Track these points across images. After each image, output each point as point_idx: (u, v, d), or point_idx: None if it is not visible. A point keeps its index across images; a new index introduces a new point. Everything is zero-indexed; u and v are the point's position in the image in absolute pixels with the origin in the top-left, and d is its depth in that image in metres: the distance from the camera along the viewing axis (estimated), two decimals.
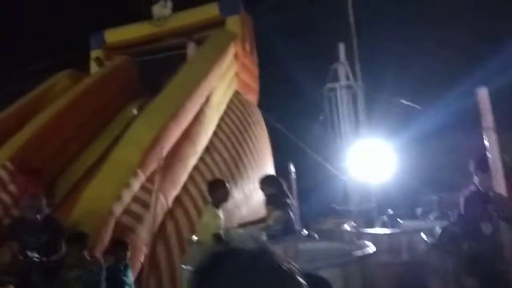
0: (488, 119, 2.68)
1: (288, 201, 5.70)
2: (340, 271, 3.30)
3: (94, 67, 10.79)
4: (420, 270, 4.07)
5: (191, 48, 10.49)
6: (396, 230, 5.49)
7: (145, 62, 10.94)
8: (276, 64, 11.28)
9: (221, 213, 4.93)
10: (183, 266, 3.86)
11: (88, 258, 4.49)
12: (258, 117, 10.40)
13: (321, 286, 1.61)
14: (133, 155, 6.10)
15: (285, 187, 5.52)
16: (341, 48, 6.65)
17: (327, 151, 7.12)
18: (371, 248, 3.72)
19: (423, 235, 4.13)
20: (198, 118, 7.89)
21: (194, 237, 5.12)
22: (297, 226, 6.16)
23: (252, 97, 10.97)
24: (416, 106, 7.37)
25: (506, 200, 2.63)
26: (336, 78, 6.66)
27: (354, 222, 5.90)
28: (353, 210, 6.17)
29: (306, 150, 8.04)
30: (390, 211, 6.45)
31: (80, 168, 7.90)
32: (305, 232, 5.93)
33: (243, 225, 6.44)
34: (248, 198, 8.18)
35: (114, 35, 11.05)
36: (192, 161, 7.50)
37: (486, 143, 2.68)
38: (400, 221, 5.85)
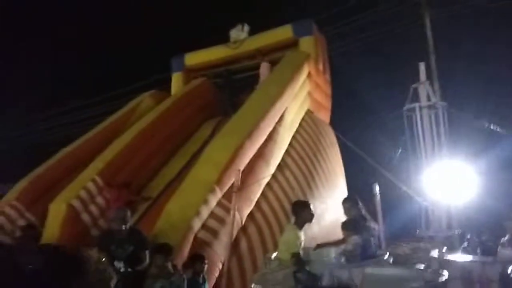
0: None
1: (368, 224, 5.58)
2: None
3: (175, 88, 11.47)
4: None
5: (264, 68, 10.75)
6: (483, 259, 5.13)
7: (222, 84, 11.44)
8: (353, 86, 11.24)
9: (302, 234, 4.98)
10: (253, 285, 3.94)
11: (171, 270, 4.73)
12: (330, 136, 10.35)
13: None
14: (211, 174, 6.36)
15: (365, 210, 5.44)
16: (422, 67, 6.47)
17: (407, 173, 6.89)
18: (444, 275, 3.60)
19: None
20: (271, 137, 8.03)
21: (274, 254, 5.18)
22: (379, 250, 5.98)
23: (325, 116, 10.97)
24: (498, 128, 6.94)
25: None
26: (415, 98, 6.48)
27: (435, 247, 5.61)
28: (435, 236, 5.88)
29: (383, 171, 7.83)
30: (475, 237, 6.07)
31: (160, 184, 8.35)
32: (386, 256, 5.76)
33: (319, 246, 6.40)
34: (320, 218, 8.10)
35: (194, 58, 11.69)
36: (266, 179, 7.63)
37: None
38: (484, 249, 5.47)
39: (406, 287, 3.70)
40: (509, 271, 3.83)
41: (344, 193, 9.53)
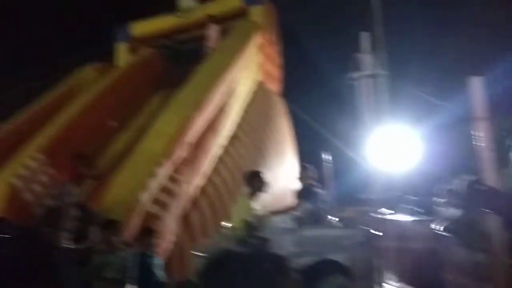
0: (480, 108, 2.67)
1: (319, 191, 5.79)
2: (345, 256, 3.58)
3: (119, 59, 11.00)
4: (434, 258, 4.13)
5: (212, 30, 10.38)
6: (416, 218, 5.49)
7: (170, 54, 11.08)
8: (300, 54, 11.26)
9: (256, 203, 5.07)
10: (197, 252, 4.02)
11: (120, 245, 4.66)
12: (281, 106, 10.43)
13: (330, 267, 1.77)
14: (159, 146, 6.24)
15: (315, 177, 5.63)
16: (364, 37, 6.57)
17: (351, 140, 7.10)
18: (377, 234, 3.95)
19: (437, 225, 4.17)
20: (222, 109, 7.97)
21: (227, 224, 5.25)
22: (328, 215, 6.23)
23: (276, 87, 10.99)
24: (437, 99, 7.24)
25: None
26: (359, 68, 6.60)
27: (376, 210, 5.91)
28: (375, 199, 6.18)
29: (330, 138, 8.02)
30: (413, 199, 6.43)
31: (107, 159, 8.12)
32: (334, 220, 6.00)
33: (271, 214, 6.55)
34: (271, 187, 8.23)
35: (140, 28, 11.22)
36: (216, 151, 7.61)
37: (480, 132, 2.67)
38: (421, 210, 5.83)
39: (340, 244, 4.02)
40: (440, 227, 4.13)
41: (294, 162, 9.75)
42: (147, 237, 5.14)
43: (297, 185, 5.69)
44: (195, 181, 6.68)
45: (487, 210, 2.86)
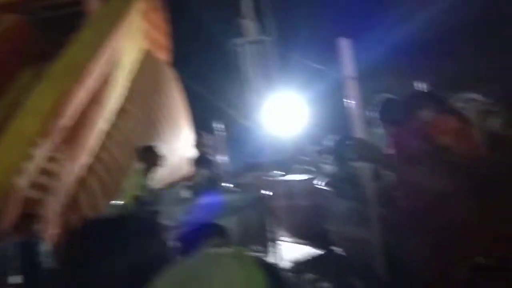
0: (349, 68, 2.87)
1: (215, 158, 5.83)
2: (238, 218, 3.74)
3: None
4: (318, 212, 4.48)
5: (92, 3, 9.64)
6: (302, 177, 5.84)
7: (40, 21, 9.95)
8: (187, 20, 10.92)
9: (149, 178, 4.94)
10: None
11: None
12: (171, 76, 10.12)
13: (207, 231, 1.82)
14: (34, 125, 5.68)
15: (211, 145, 5.65)
16: (245, 1, 6.56)
17: (242, 107, 7.20)
18: (269, 194, 4.17)
19: (319, 181, 4.50)
20: (105, 80, 7.48)
21: (117, 202, 5.10)
22: (224, 181, 6.33)
23: (164, 55, 10.60)
24: (322, 66, 7.61)
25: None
26: (242, 33, 6.62)
27: (269, 172, 6.15)
28: (268, 162, 6.43)
29: (222, 106, 8.05)
30: (303, 159, 6.82)
31: None
32: (229, 186, 6.12)
33: (168, 186, 6.46)
34: (167, 160, 8.09)
35: None
36: (102, 126, 7.18)
37: (349, 91, 2.89)
38: (310, 169, 6.21)
39: (232, 206, 4.18)
40: (321, 183, 4.45)
41: (190, 133, 9.65)
42: (29, 224, 4.77)
43: (193, 153, 5.66)
44: (80, 160, 6.25)
45: (358, 162, 3.12)
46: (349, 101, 3.05)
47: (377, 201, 3.03)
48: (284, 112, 6.99)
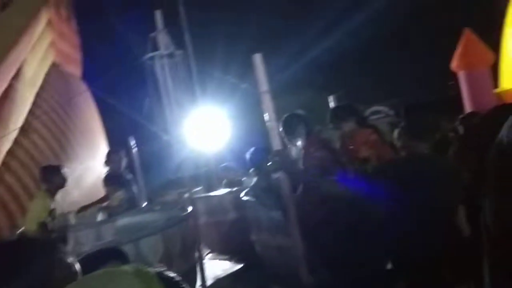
0: (263, 83, 2.96)
1: (130, 177, 5.50)
2: (160, 237, 3.57)
3: None
4: (243, 225, 4.43)
5: None
6: (228, 190, 5.76)
7: None
8: (101, 31, 10.41)
9: (53, 201, 4.51)
10: None
11: None
12: (83, 90, 9.53)
13: (108, 255, 1.72)
14: None
15: (124, 163, 5.33)
16: (158, 15, 6.40)
17: (162, 121, 6.95)
18: (193, 211, 4.06)
19: (243, 193, 4.47)
20: (8, 95, 6.81)
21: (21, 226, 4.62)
22: (141, 201, 6.00)
23: (75, 69, 9.97)
24: (237, 81, 7.65)
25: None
26: (157, 47, 6.43)
27: (192, 188, 5.97)
28: (191, 177, 6.24)
29: (140, 121, 7.71)
30: (227, 173, 6.73)
31: None
32: (148, 206, 5.83)
33: (82, 209, 5.99)
34: (80, 180, 7.54)
35: None
36: (5, 145, 6.50)
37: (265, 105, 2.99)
38: (236, 182, 6.14)
39: (154, 225, 3.99)
40: (245, 195, 4.41)
41: (105, 150, 9.11)
42: None
43: (106, 172, 5.30)
44: None
45: (277, 173, 3.15)
46: (266, 115, 3.11)
47: (295, 209, 3.07)
48: (206, 127, 6.88)
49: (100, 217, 5.60)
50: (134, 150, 6.10)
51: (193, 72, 6.81)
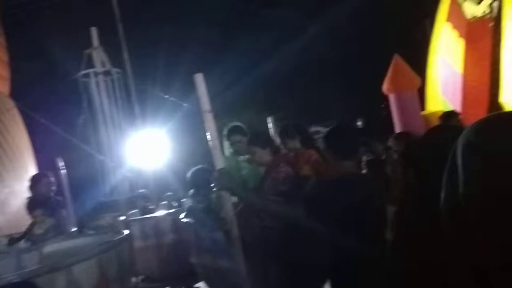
0: (205, 102, 3.01)
1: (57, 201, 5.19)
2: (94, 262, 3.38)
3: None
4: (182, 248, 4.34)
5: None
6: (167, 212, 5.63)
7: None
8: (32, 48, 9.92)
9: None
10: None
11: None
12: (11, 109, 8.95)
13: None
14: None
15: (53, 186, 5.02)
16: (94, 32, 6.22)
17: (96, 142, 6.67)
18: (124, 234, 3.93)
19: (182, 215, 4.39)
20: None
21: None
22: (71, 226, 5.66)
23: (2, 86, 9.35)
24: (177, 99, 7.60)
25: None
26: (92, 64, 6.22)
27: (129, 210, 5.76)
28: (121, 199, 6.03)
29: (74, 142, 7.34)
30: (167, 194, 6.58)
31: None
32: (78, 230, 5.54)
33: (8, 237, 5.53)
34: (4, 205, 7.01)
35: None
36: None
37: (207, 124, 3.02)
38: (175, 204, 6.01)
39: (83, 252, 3.78)
40: (184, 217, 4.33)
41: (33, 172, 8.55)
42: None
43: (31, 197, 4.96)
44: None
45: (218, 192, 3.12)
46: (207, 134, 3.12)
47: (238, 229, 3.05)
48: (145, 147, 6.71)
49: (23, 245, 5.22)
50: (63, 171, 5.78)
51: (131, 91, 6.65)
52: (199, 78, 2.99)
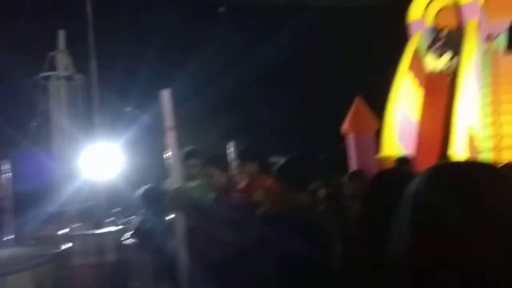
0: (169, 119, 2.99)
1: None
2: (31, 274, 3.21)
3: None
4: (124, 269, 4.16)
5: None
6: (110, 229, 5.40)
7: None
8: None
9: None
10: None
11: None
12: None
13: None
14: None
15: None
16: (61, 35, 6.05)
17: (48, 149, 6.36)
18: (69, 250, 3.75)
19: (126, 234, 4.24)
20: None
21: None
22: (10, 234, 5.34)
23: None
24: (140, 111, 7.47)
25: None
26: (54, 68, 5.99)
27: (75, 224, 5.49)
28: (70, 211, 5.75)
29: (24, 146, 6.98)
30: (115, 210, 6.32)
31: None
32: (17, 240, 5.24)
33: None
34: None
35: None
36: None
37: (168, 140, 2.99)
38: (122, 221, 5.79)
39: (25, 262, 3.58)
40: (127, 237, 4.17)
41: None
42: None
43: None
44: None
45: (171, 212, 3.04)
46: (167, 151, 3.06)
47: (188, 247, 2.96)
48: (99, 158, 6.48)
49: None
50: (8, 175, 5.46)
51: (94, 99, 6.42)
52: (166, 94, 2.95)
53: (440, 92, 9.41)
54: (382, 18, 10.12)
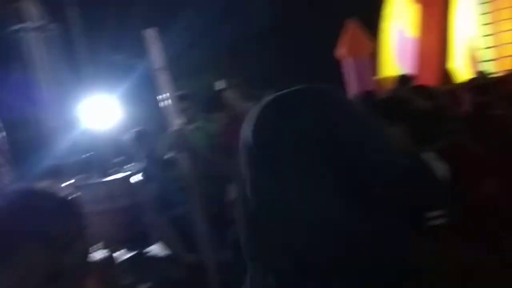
0: (159, 59, 2.87)
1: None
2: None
3: None
4: (136, 211, 4.22)
5: None
6: (118, 176, 5.40)
7: None
8: None
9: None
10: None
11: None
12: None
13: None
14: None
15: None
16: None
17: (36, 102, 6.15)
18: (80, 199, 3.78)
19: (133, 178, 4.27)
20: None
21: None
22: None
23: None
24: (134, 61, 7.17)
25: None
26: (25, 19, 5.48)
27: (79, 176, 5.44)
28: (73, 164, 5.69)
29: (13, 103, 6.78)
30: (119, 159, 6.29)
31: None
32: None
33: None
34: None
35: None
36: None
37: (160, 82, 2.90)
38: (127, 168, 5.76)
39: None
40: (135, 180, 4.19)
41: None
42: None
43: None
44: None
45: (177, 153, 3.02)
46: (161, 93, 2.95)
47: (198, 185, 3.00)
48: (93, 109, 6.32)
49: None
50: (1, 135, 5.32)
51: (76, 48, 6.08)
52: (151, 34, 2.80)
53: (436, 4, 9.03)
54: None
